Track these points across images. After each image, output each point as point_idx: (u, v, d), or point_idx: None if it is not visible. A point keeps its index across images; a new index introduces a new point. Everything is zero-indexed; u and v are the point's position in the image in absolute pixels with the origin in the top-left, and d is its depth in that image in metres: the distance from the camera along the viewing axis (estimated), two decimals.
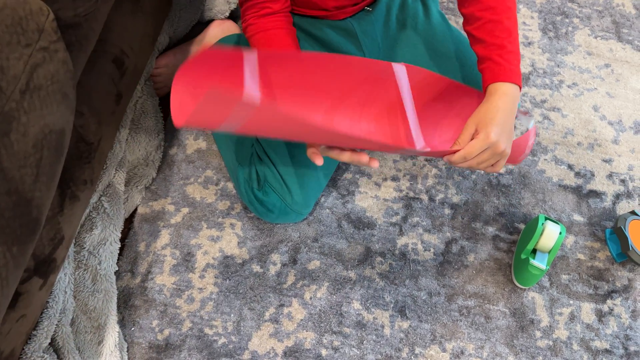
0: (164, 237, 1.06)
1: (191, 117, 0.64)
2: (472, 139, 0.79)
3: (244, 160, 1.01)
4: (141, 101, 1.09)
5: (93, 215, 0.95)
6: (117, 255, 0.98)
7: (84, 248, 0.92)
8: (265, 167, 0.97)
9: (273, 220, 1.03)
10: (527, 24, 1.42)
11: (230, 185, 1.12)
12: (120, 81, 0.92)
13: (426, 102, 0.94)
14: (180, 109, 0.72)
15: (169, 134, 1.16)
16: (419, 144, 0.89)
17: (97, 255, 0.92)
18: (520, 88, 0.84)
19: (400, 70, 0.88)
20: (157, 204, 1.09)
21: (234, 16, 1.25)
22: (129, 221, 1.07)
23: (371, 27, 1.02)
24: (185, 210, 1.09)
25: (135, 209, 1.08)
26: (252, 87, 0.79)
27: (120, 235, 0.98)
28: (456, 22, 1.40)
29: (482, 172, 0.81)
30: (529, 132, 0.92)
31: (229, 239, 1.07)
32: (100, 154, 0.90)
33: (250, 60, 0.80)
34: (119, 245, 0.98)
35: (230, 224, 1.09)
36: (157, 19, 1.04)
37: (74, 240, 0.93)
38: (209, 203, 1.10)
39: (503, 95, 0.80)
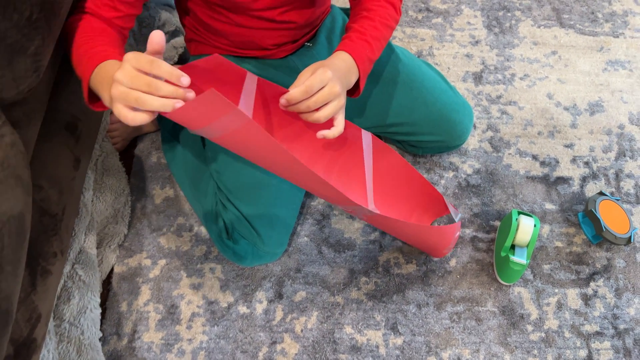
0: (145, 293, 1.04)
1: (180, 110, 0.61)
2: None
3: (210, 210, 1.00)
4: (101, 159, 1.08)
5: (69, 285, 0.92)
6: (99, 322, 0.96)
7: (64, 320, 0.90)
8: (231, 215, 0.96)
9: (249, 265, 1.02)
10: (472, 23, 1.45)
11: (204, 229, 1.11)
12: (76, 146, 0.91)
13: (380, 173, 1.03)
14: None
15: (135, 187, 1.15)
16: (371, 205, 0.96)
17: (78, 325, 0.90)
18: (360, 70, 0.86)
19: (366, 137, 0.96)
20: (132, 261, 1.07)
21: (182, 60, 1.24)
22: (107, 283, 1.05)
23: (314, 62, 1.03)
24: (163, 262, 1.08)
25: (112, 269, 1.06)
26: (247, 102, 0.79)
27: (99, 300, 0.96)
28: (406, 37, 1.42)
29: (330, 131, 0.79)
30: (457, 224, 0.99)
31: (210, 284, 1.06)
32: (66, 223, 0.88)
33: (250, 79, 0.81)
34: (100, 311, 0.96)
35: (210, 268, 1.07)
36: None
37: (52, 314, 0.90)
38: (185, 251, 1.09)
39: (342, 61, 0.83)
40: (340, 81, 0.79)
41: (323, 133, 0.80)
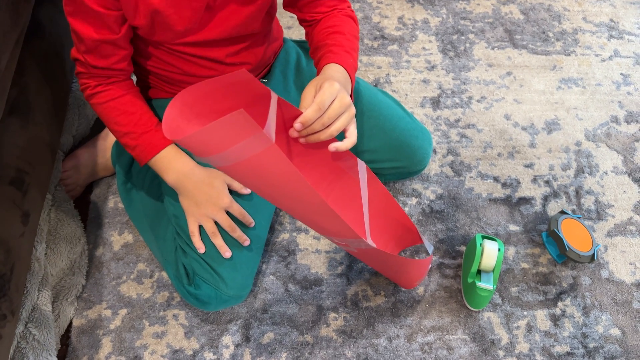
0: (106, 345, 1.00)
1: (203, 132, 0.58)
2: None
3: (169, 255, 0.97)
4: (54, 209, 1.04)
5: (22, 346, 0.88)
6: None
7: None
8: (191, 260, 0.93)
9: (213, 309, 0.99)
10: (427, 48, 1.46)
11: (165, 274, 1.08)
12: (24, 200, 0.87)
13: (370, 203, 1.00)
14: (174, 124, 0.68)
15: (92, 235, 1.11)
16: (369, 239, 0.94)
17: None
18: (351, 80, 0.86)
19: (361, 166, 0.93)
20: (92, 312, 1.03)
21: None
22: (65, 337, 1.01)
23: None
24: (124, 311, 1.04)
25: (70, 323, 1.02)
26: (270, 125, 0.74)
27: (56, 358, 0.92)
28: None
29: (338, 144, 0.77)
30: (431, 256, 0.99)
31: (174, 332, 1.02)
32: (16, 282, 0.84)
33: (273, 100, 0.76)
34: None
35: (173, 315, 1.04)
36: (54, 124, 1.00)
37: None
38: (146, 298, 1.05)
39: (337, 72, 0.82)
40: (344, 90, 0.78)
41: (336, 145, 0.77)
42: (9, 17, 0.80)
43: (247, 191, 0.96)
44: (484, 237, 1.07)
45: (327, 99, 0.73)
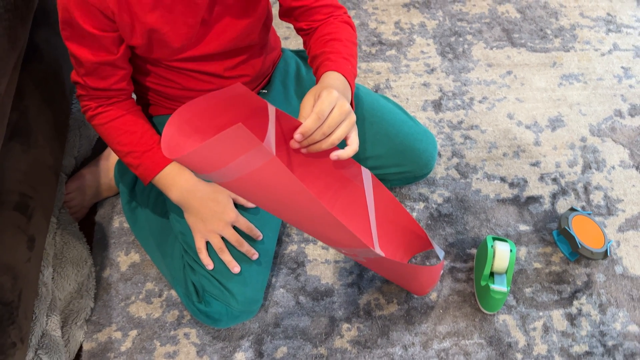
0: None
1: (193, 152, 0.58)
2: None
3: (178, 274, 0.96)
4: (60, 232, 1.03)
5: None
6: None
7: None
8: (200, 277, 0.92)
9: (224, 326, 0.98)
10: (425, 51, 1.46)
11: (174, 292, 1.07)
12: (29, 225, 0.86)
13: (377, 212, 0.99)
14: (173, 142, 0.68)
15: (98, 256, 1.10)
16: (377, 248, 0.92)
17: None
18: (350, 86, 0.85)
19: (366, 174, 0.92)
20: (102, 335, 1.02)
21: None
22: None
23: None
24: (134, 332, 1.02)
25: (80, 347, 1.01)
26: (269, 138, 0.73)
27: None
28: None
29: (340, 153, 0.76)
30: (442, 262, 0.98)
31: (186, 351, 1.01)
32: (24, 308, 0.83)
33: (271, 112, 0.75)
34: None
35: (184, 333, 1.03)
36: (56, 147, 0.99)
37: None
38: (156, 318, 1.04)
39: (335, 79, 0.82)
40: (344, 97, 0.77)
41: (337, 154, 0.76)
42: (6, 41, 0.80)
43: (252, 204, 0.94)
44: (494, 239, 1.06)
45: (326, 108, 0.73)
